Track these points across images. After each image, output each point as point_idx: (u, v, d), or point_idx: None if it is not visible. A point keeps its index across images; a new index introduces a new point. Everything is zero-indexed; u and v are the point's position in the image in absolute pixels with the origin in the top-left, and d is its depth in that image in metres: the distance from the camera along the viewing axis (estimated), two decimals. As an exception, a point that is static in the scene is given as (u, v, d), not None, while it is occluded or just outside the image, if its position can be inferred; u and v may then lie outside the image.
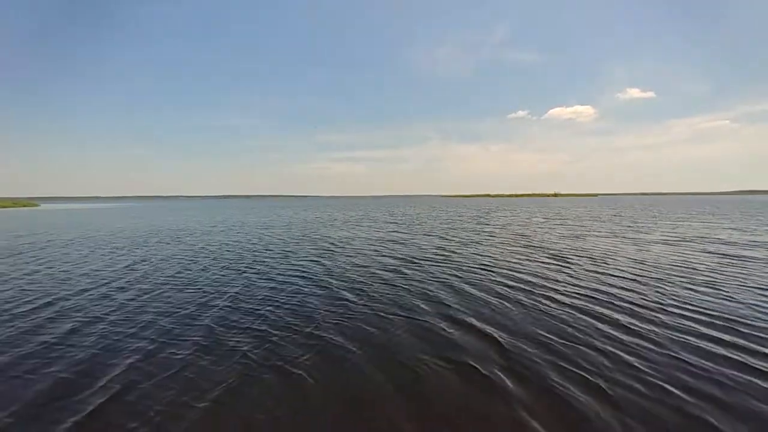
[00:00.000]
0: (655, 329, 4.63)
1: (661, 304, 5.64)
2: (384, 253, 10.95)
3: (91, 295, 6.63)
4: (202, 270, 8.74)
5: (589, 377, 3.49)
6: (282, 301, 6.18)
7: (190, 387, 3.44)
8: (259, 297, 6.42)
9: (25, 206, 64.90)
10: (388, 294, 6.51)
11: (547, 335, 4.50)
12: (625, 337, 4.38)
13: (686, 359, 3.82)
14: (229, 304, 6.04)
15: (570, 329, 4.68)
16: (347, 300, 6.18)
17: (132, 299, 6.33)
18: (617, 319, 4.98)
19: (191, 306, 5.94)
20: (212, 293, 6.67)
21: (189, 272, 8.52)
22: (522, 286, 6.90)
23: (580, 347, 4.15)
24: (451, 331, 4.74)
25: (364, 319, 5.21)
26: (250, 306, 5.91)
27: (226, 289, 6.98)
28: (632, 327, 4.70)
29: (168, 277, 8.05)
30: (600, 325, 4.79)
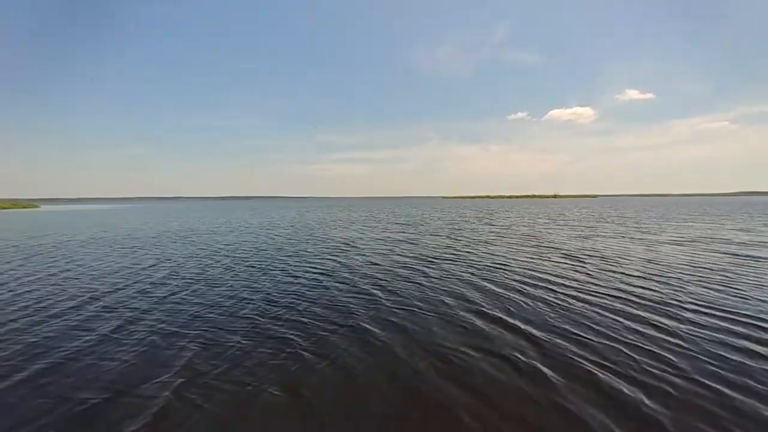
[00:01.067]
0: (679, 327, 4.76)
1: (680, 302, 5.80)
2: (397, 252, 11.15)
3: (128, 291, 6.84)
4: (226, 269, 8.92)
5: (620, 370, 3.67)
6: (312, 296, 6.41)
7: (254, 376, 3.65)
8: (291, 293, 6.65)
9: (24, 207, 64.11)
10: (411, 291, 6.71)
11: (575, 331, 4.68)
12: (650, 334, 4.53)
13: (711, 355, 3.96)
14: (265, 299, 6.29)
15: (596, 326, 4.84)
16: (374, 295, 6.38)
17: (169, 295, 6.55)
18: (640, 317, 5.13)
19: (229, 301, 6.17)
20: (244, 290, 6.89)
21: (214, 270, 8.72)
22: (541, 284, 7.09)
23: (608, 343, 4.31)
24: (481, 325, 4.94)
25: (396, 314, 5.43)
26: (286, 301, 6.15)
27: (256, 286, 7.20)
28: (655, 324, 4.84)
29: (195, 274, 8.25)
30: (624, 322, 4.93)
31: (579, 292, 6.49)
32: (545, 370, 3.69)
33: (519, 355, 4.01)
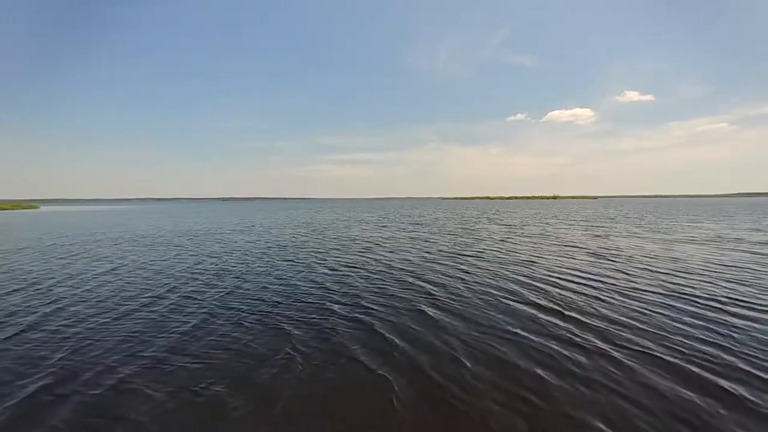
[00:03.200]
0: (724, 323, 4.85)
1: (719, 299, 5.88)
2: (422, 250, 11.30)
3: (187, 284, 7.13)
4: (263, 264, 9.10)
5: (683, 365, 3.82)
6: (360, 289, 6.63)
7: (350, 359, 3.95)
8: (338, 284, 7.00)
9: (25, 208, 61.91)
10: (454, 285, 6.93)
11: (625, 324, 4.83)
12: (697, 331, 4.59)
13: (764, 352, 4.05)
14: (308, 288, 6.78)
15: (642, 323, 4.91)
16: (420, 288, 6.55)
17: (228, 287, 6.79)
18: (684, 315, 5.18)
19: (289, 290, 6.55)
20: (293, 281, 7.20)
21: (253, 265, 8.92)
22: (578, 281, 7.25)
23: (663, 342, 4.35)
24: (536, 318, 5.12)
25: (452, 305, 5.63)
26: (337, 291, 6.45)
27: (310, 278, 7.51)
28: (700, 324, 4.86)
29: (236, 269, 8.47)
30: (671, 321, 5.02)
31: (618, 289, 6.61)
32: (608, 360, 3.86)
33: (575, 346, 4.19)
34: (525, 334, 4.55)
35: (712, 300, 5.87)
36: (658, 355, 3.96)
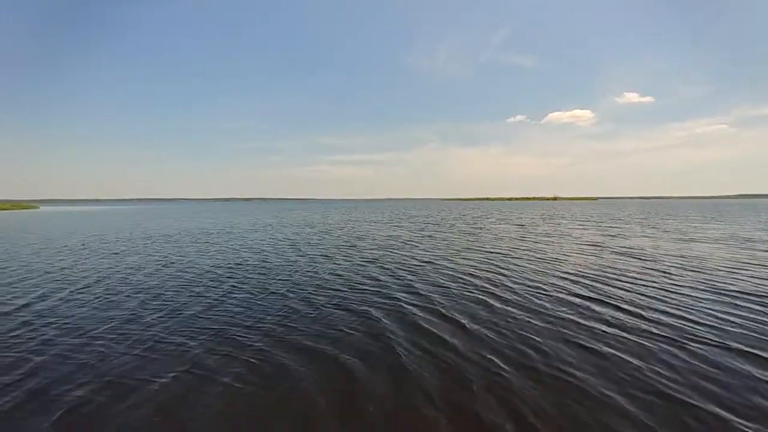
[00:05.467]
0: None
1: (752, 295, 5.99)
2: (443, 248, 11.37)
3: (218, 277, 7.17)
4: (287, 261, 9.15)
5: (739, 357, 3.95)
6: (380, 284, 6.68)
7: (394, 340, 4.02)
8: (364, 279, 7.20)
9: (25, 209, 61.41)
10: (493, 281, 7.04)
11: (679, 320, 4.94)
12: (745, 330, 4.63)
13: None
14: (344, 281, 7.04)
15: (696, 316, 5.03)
16: (467, 282, 6.63)
17: (251, 280, 6.86)
18: (729, 311, 5.27)
19: (310, 284, 6.61)
20: (316, 276, 7.22)
21: (281, 261, 8.94)
22: (615, 276, 7.40)
23: (721, 329, 4.57)
24: (581, 309, 5.23)
25: (493, 302, 5.70)
26: (369, 282, 6.54)
27: (327, 273, 7.52)
28: (745, 317, 4.96)
29: (261, 265, 8.49)
30: (723, 312, 5.18)
31: (659, 284, 6.73)
32: (667, 353, 3.98)
33: (640, 341, 4.30)
34: (580, 326, 4.66)
35: (747, 295, 5.96)
36: (719, 348, 4.05)
